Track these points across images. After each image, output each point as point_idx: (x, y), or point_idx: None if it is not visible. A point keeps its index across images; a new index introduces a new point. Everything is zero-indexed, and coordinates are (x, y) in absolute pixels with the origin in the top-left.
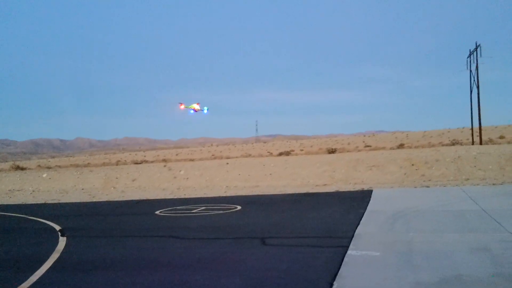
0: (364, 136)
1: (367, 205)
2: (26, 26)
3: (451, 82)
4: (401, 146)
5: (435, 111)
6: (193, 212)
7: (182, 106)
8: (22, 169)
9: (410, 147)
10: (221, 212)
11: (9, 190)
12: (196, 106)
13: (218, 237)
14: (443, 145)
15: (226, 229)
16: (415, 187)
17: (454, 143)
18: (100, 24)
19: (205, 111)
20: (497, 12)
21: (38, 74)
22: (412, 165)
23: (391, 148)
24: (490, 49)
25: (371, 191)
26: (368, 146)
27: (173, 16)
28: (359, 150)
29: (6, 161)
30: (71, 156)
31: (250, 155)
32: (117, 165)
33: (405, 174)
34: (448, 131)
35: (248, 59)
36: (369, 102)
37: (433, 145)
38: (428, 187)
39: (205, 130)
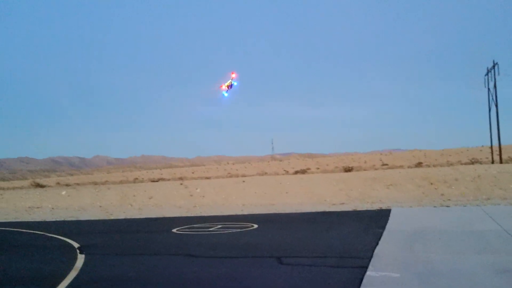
0: (381, 154)
1: (386, 224)
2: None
3: (468, 100)
4: (419, 164)
5: (453, 129)
6: (210, 230)
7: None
8: (42, 186)
9: (428, 166)
10: (238, 230)
11: (29, 207)
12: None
13: (235, 256)
14: (462, 163)
15: (243, 247)
16: (434, 206)
17: (473, 161)
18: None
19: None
20: None
21: (56, 93)
22: (431, 184)
23: (409, 167)
24: (508, 66)
25: (390, 210)
26: (385, 164)
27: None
28: (376, 169)
29: (26, 179)
30: (89, 174)
31: (266, 173)
32: (134, 182)
33: (423, 193)
34: (467, 150)
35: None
36: (385, 119)
37: (451, 164)
38: (448, 206)
39: (220, 148)
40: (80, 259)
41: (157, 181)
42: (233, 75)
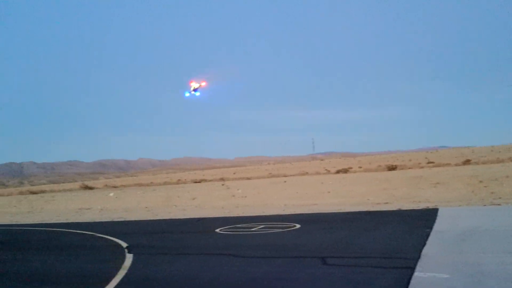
0: (426, 152)
1: (433, 224)
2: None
3: None
4: (467, 162)
5: (503, 124)
6: (253, 230)
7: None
8: (90, 188)
9: (477, 163)
10: (280, 230)
11: (79, 209)
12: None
13: (278, 256)
14: None
15: (286, 247)
16: (484, 205)
17: None
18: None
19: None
20: None
21: (102, 98)
22: (480, 182)
23: (456, 164)
24: None
25: (437, 209)
26: (431, 162)
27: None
28: (421, 167)
29: (75, 181)
30: (134, 176)
31: (306, 173)
32: (177, 184)
33: (472, 191)
34: None
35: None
36: (430, 116)
37: (502, 161)
38: (498, 205)
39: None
40: (129, 258)
41: (199, 182)
42: (203, 84)
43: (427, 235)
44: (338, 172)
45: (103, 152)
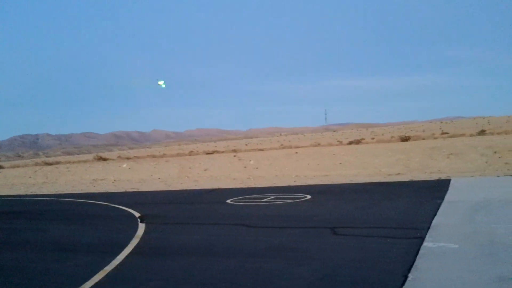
0: (441, 122)
1: (445, 195)
2: (112, 25)
3: None
4: (482, 132)
5: None
6: (263, 201)
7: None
8: (105, 159)
9: (493, 134)
10: (291, 201)
11: (93, 180)
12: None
13: (288, 226)
14: None
15: (296, 218)
16: (498, 176)
17: None
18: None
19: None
20: None
21: (118, 71)
22: (495, 152)
23: (471, 135)
24: None
25: (449, 180)
26: (445, 133)
27: (240, 8)
28: (435, 138)
29: (90, 153)
30: (148, 147)
31: (319, 144)
32: (190, 155)
33: (486, 162)
34: None
35: (317, 46)
36: (446, 86)
37: None
38: None
39: (273, 120)
40: (141, 228)
41: (211, 154)
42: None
43: (438, 206)
44: (350, 143)
45: (118, 124)
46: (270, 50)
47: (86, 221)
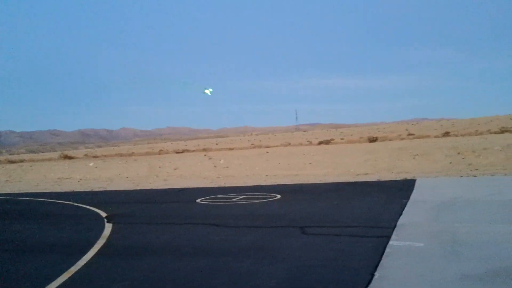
0: (408, 124)
1: (411, 195)
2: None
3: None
4: (446, 134)
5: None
6: (233, 201)
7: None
8: (70, 158)
9: (456, 135)
10: (261, 200)
11: (58, 178)
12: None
13: (258, 226)
14: (491, 132)
15: (266, 217)
16: (461, 176)
17: (503, 130)
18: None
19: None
20: None
21: (85, 67)
22: (459, 153)
23: (436, 136)
24: None
25: (415, 180)
26: (411, 134)
27: (213, 5)
28: (402, 139)
29: (56, 151)
30: (116, 146)
31: (289, 144)
32: (159, 154)
33: (450, 163)
34: (497, 118)
35: (288, 45)
36: (412, 88)
37: (480, 133)
38: (475, 176)
39: (245, 119)
40: (108, 228)
41: (181, 153)
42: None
43: (404, 205)
44: (320, 143)
45: (85, 122)
46: (241, 49)
47: (51, 221)
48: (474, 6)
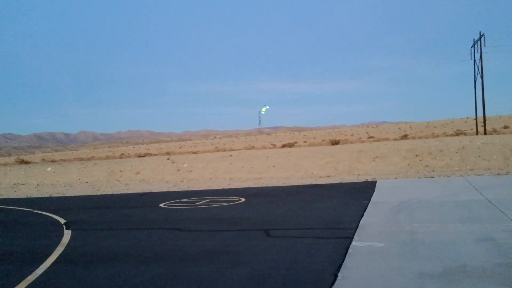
0: (368, 127)
1: (371, 196)
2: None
3: (454, 72)
4: (404, 136)
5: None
6: (197, 205)
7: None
8: (27, 163)
9: (414, 138)
10: (225, 204)
11: (14, 184)
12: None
13: (222, 229)
14: (447, 135)
15: (230, 221)
16: (419, 177)
17: (458, 133)
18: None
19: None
20: (501, 0)
21: (40, 68)
22: (416, 155)
23: (395, 139)
24: (494, 38)
25: (375, 182)
26: (371, 137)
27: (173, 5)
28: (362, 141)
29: (10, 155)
30: (74, 150)
31: (253, 147)
32: (120, 158)
33: (408, 165)
34: (452, 121)
35: (251, 49)
36: (371, 92)
37: (437, 136)
38: (432, 177)
39: (207, 122)
40: (67, 234)
41: (144, 157)
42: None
43: (366, 207)
44: (283, 146)
45: (41, 125)
46: (203, 51)
47: (6, 228)
48: (432, 11)
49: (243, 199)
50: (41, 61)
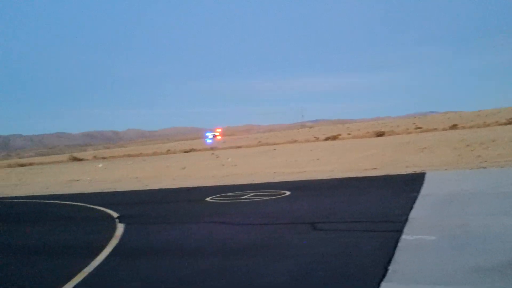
0: (414, 117)
1: (420, 189)
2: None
3: (504, 59)
4: (454, 126)
5: (488, 90)
6: (243, 198)
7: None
8: (79, 160)
9: (464, 128)
10: (270, 198)
11: (68, 180)
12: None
13: (268, 223)
14: (499, 124)
15: (276, 214)
16: (471, 169)
17: (511, 122)
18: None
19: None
20: None
21: (91, 69)
22: (467, 146)
23: (444, 129)
24: None
25: (424, 174)
26: (418, 128)
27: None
28: (409, 133)
29: (64, 153)
30: (123, 147)
31: (296, 140)
32: (167, 154)
33: (459, 155)
34: (504, 110)
35: (292, 45)
36: (419, 83)
37: (488, 125)
38: (484, 168)
39: (250, 117)
40: (120, 228)
41: (189, 152)
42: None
43: (415, 199)
44: (327, 139)
45: (91, 124)
46: (249, 49)
47: (62, 223)
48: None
49: (288, 193)
50: (91, 65)
